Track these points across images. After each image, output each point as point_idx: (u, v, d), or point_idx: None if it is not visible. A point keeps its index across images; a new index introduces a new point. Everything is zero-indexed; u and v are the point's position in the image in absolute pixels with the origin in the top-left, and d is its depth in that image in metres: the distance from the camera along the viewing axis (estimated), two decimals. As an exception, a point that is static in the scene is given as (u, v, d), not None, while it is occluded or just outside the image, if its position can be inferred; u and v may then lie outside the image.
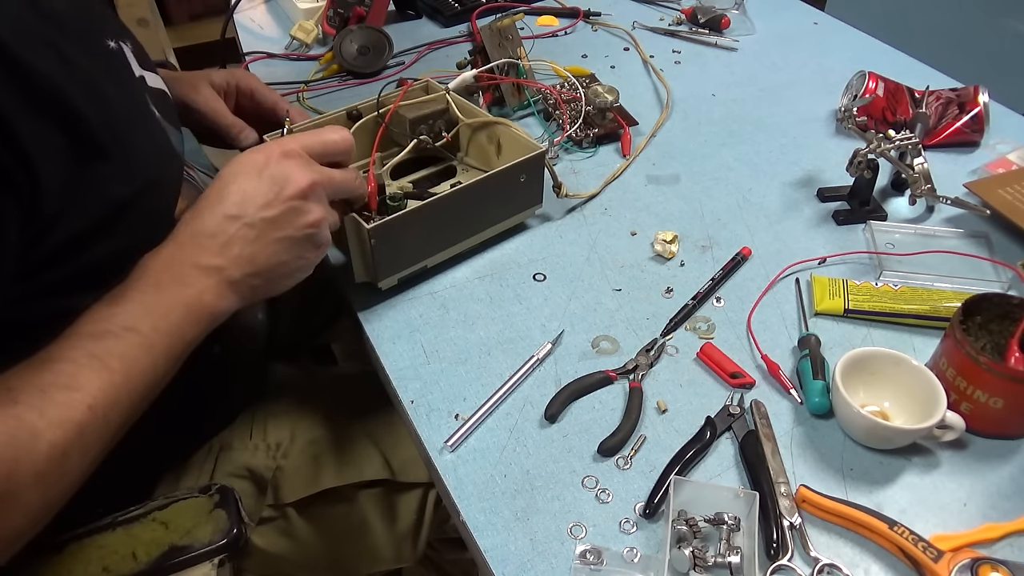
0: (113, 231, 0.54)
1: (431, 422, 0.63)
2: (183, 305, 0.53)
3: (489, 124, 0.82)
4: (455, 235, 0.76)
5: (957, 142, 0.96)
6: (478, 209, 0.75)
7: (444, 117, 0.83)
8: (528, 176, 0.76)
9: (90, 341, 0.49)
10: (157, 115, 0.62)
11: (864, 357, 0.63)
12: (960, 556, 0.51)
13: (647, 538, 0.55)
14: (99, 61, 0.55)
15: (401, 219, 0.68)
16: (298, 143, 0.58)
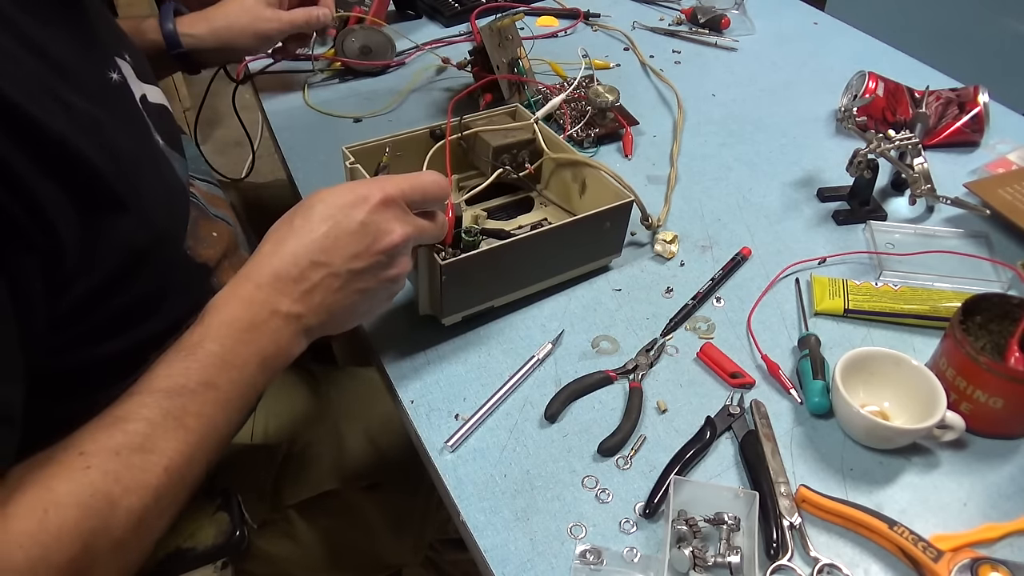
0: (134, 278, 0.52)
1: (431, 422, 0.63)
2: (260, 356, 0.51)
3: (577, 163, 0.78)
4: (528, 277, 0.72)
5: (957, 142, 0.96)
6: (555, 253, 0.71)
7: (529, 147, 0.80)
8: (612, 224, 0.72)
9: (165, 399, 0.46)
10: (161, 144, 0.60)
11: (864, 357, 0.63)
12: (960, 556, 0.51)
13: (647, 538, 0.55)
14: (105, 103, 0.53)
15: (476, 258, 0.65)
16: (399, 189, 0.55)
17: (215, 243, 0.66)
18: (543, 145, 0.80)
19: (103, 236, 0.49)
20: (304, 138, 0.96)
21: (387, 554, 0.83)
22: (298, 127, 0.98)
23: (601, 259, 0.77)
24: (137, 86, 0.61)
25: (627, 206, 0.72)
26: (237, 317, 0.50)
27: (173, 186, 0.60)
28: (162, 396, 0.47)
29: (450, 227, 0.66)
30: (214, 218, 0.69)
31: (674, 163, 0.92)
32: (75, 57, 0.52)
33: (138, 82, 0.62)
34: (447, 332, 0.70)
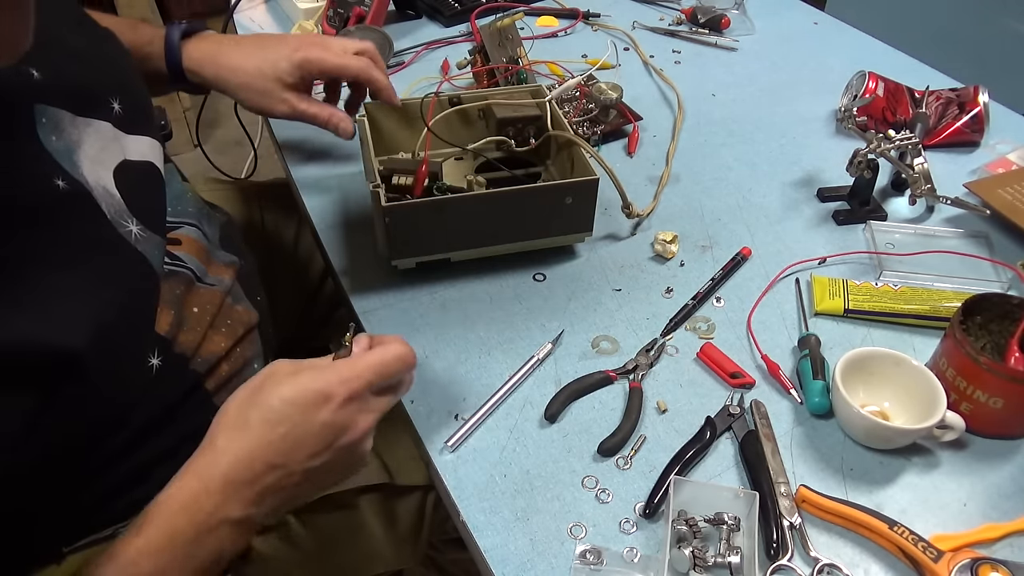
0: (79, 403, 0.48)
1: (431, 422, 0.63)
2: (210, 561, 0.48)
3: (568, 143, 0.80)
4: (485, 238, 0.75)
5: (957, 142, 0.96)
6: (514, 218, 0.74)
7: (536, 123, 0.82)
8: (576, 200, 0.74)
9: None
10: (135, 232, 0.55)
11: (864, 357, 0.63)
12: (960, 556, 0.51)
13: (647, 538, 0.55)
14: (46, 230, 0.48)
15: (420, 206, 0.69)
16: (364, 381, 0.50)
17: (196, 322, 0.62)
18: (548, 122, 0.81)
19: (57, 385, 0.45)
20: (304, 138, 0.95)
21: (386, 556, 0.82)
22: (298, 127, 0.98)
23: (568, 235, 0.78)
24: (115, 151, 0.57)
25: (591, 184, 0.74)
26: (180, 530, 0.47)
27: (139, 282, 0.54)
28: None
29: (422, 180, 0.70)
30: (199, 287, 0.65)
31: (669, 161, 0.93)
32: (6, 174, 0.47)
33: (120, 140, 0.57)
34: (448, 330, 0.70)
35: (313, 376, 0.50)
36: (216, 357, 0.64)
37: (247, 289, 0.74)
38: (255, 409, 0.49)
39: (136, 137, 0.60)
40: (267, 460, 0.48)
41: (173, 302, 0.60)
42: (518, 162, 0.84)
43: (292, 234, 1.04)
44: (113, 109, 0.58)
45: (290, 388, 0.49)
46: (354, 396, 0.50)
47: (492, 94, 0.83)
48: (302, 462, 0.49)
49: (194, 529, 0.47)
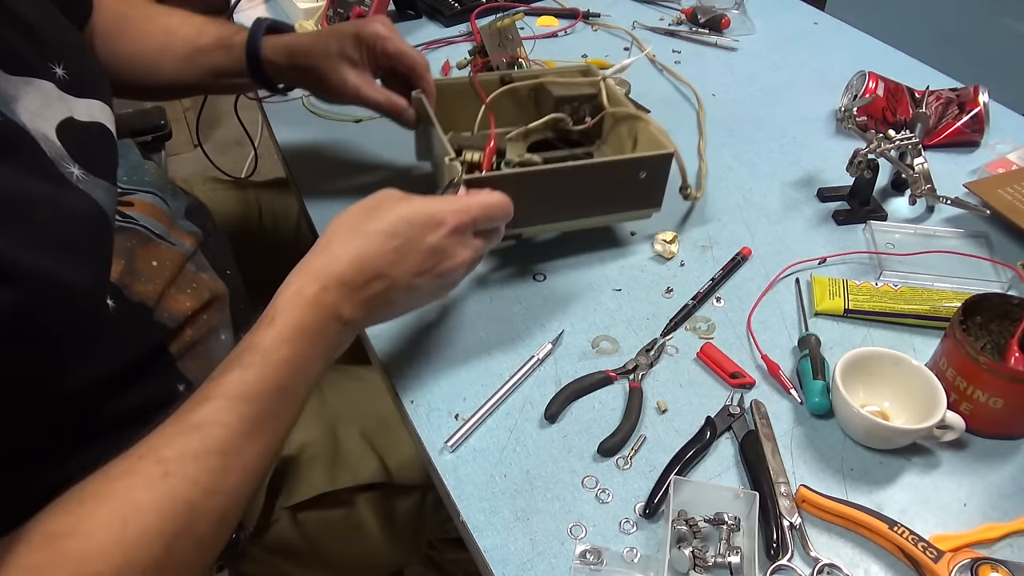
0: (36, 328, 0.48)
1: (431, 422, 0.63)
2: (324, 358, 0.53)
3: (631, 117, 0.79)
4: (557, 212, 0.74)
5: (957, 142, 0.96)
6: (587, 193, 0.73)
7: (592, 102, 0.81)
8: (650, 174, 0.73)
9: (242, 404, 0.48)
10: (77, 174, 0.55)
11: (864, 357, 0.63)
12: (960, 556, 0.51)
13: (647, 538, 0.55)
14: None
15: (498, 179, 0.67)
16: (471, 217, 0.57)
17: (155, 275, 0.64)
18: (604, 100, 0.81)
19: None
20: (304, 138, 0.96)
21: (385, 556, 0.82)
22: (298, 127, 0.98)
23: (638, 210, 0.78)
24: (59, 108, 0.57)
25: (666, 158, 0.73)
26: (307, 321, 0.52)
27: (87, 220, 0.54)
28: (239, 401, 0.48)
29: (489, 157, 0.70)
30: (157, 242, 0.66)
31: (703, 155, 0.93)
32: None
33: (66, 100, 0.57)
34: (448, 330, 0.70)
35: (428, 202, 0.56)
36: (182, 317, 0.65)
37: (214, 262, 0.75)
38: (373, 221, 0.55)
39: (86, 100, 0.60)
40: (377, 268, 0.54)
41: (124, 253, 0.62)
42: (567, 143, 0.83)
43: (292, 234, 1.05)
44: (56, 73, 0.58)
45: (407, 208, 0.55)
46: (461, 228, 0.56)
47: (543, 73, 0.83)
48: (405, 277, 0.55)
49: (318, 323, 0.52)
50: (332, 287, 0.53)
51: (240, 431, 0.47)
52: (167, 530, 0.43)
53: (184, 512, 0.44)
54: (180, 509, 0.43)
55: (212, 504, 0.45)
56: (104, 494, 0.43)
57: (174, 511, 0.43)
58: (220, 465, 0.46)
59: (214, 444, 0.46)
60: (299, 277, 0.54)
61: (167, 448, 0.45)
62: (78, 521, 0.42)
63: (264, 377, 0.49)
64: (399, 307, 0.58)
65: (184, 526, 0.44)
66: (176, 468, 0.44)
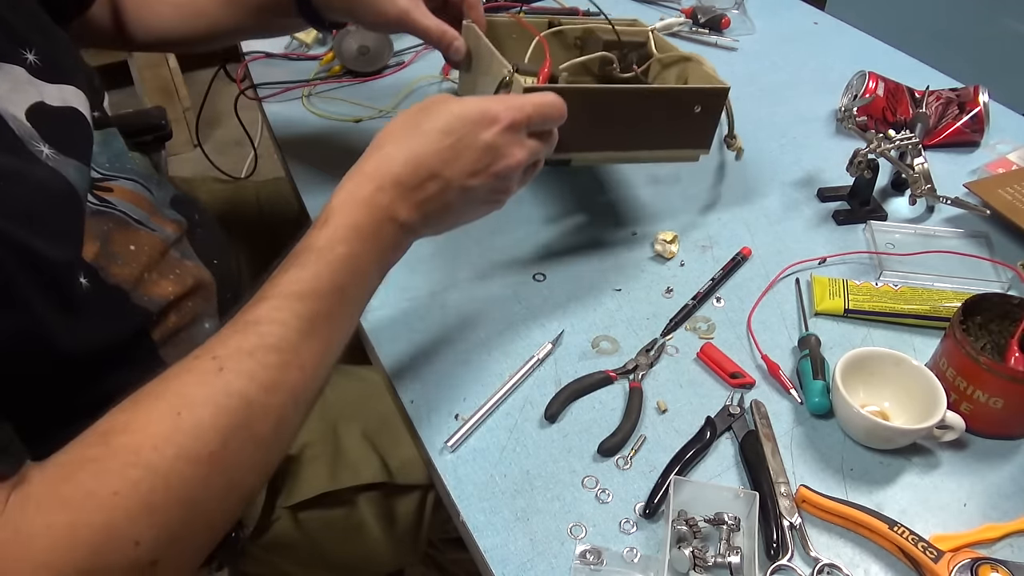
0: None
1: (431, 422, 0.63)
2: (380, 260, 0.53)
3: (680, 60, 0.79)
4: (608, 140, 0.72)
5: (957, 142, 0.96)
6: (639, 122, 0.71)
7: (640, 51, 0.81)
8: (704, 109, 0.72)
9: (298, 302, 0.47)
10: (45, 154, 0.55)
11: (864, 357, 0.63)
12: (960, 556, 0.51)
13: (647, 538, 0.55)
14: None
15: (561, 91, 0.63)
16: (525, 114, 0.56)
17: (132, 259, 0.63)
18: (653, 48, 0.80)
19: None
20: (304, 138, 0.96)
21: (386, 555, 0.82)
22: (298, 127, 0.98)
23: (688, 148, 0.76)
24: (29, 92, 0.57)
25: (722, 93, 0.72)
26: (362, 222, 0.51)
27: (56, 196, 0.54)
28: (294, 299, 0.47)
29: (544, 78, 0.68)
30: (136, 227, 0.66)
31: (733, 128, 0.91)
32: None
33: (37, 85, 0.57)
34: (448, 330, 0.70)
35: (482, 101, 0.55)
36: (164, 302, 0.64)
37: (201, 250, 0.74)
38: (427, 120, 0.54)
39: (58, 86, 0.60)
40: (431, 167, 0.53)
41: (100, 235, 0.61)
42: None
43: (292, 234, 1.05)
44: (27, 59, 0.58)
45: (460, 106, 0.54)
46: (516, 125, 0.55)
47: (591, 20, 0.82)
48: (460, 178, 0.54)
49: (374, 223, 0.51)
50: (388, 187, 0.52)
51: (297, 328, 0.47)
52: (222, 424, 0.42)
53: (241, 406, 0.43)
54: (236, 403, 0.43)
55: (270, 400, 0.45)
56: (158, 391, 0.43)
57: (229, 405, 0.43)
58: (277, 361, 0.45)
59: (271, 340, 0.45)
60: (353, 178, 0.53)
61: (222, 346, 0.45)
62: (132, 418, 0.42)
63: (319, 275, 0.49)
64: (456, 212, 0.57)
65: (241, 420, 0.43)
66: (231, 364, 0.44)
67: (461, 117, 0.54)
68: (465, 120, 0.54)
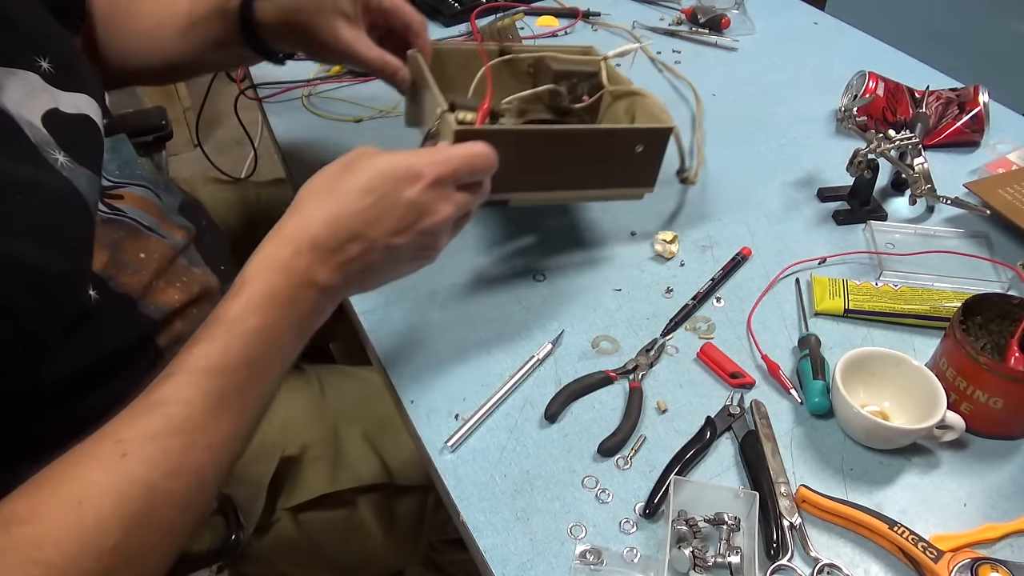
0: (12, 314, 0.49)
1: (431, 422, 0.63)
2: (298, 326, 0.50)
3: (630, 94, 0.77)
4: (547, 180, 0.70)
5: (957, 142, 0.96)
6: (578, 162, 0.69)
7: (590, 80, 0.79)
8: (647, 148, 0.70)
9: (205, 379, 0.46)
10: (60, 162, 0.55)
11: (864, 357, 0.63)
12: (960, 556, 0.51)
13: (647, 538, 0.55)
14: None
15: (493, 133, 0.63)
16: (451, 169, 0.53)
17: (142, 266, 0.63)
18: (604, 79, 0.79)
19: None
20: (304, 138, 0.95)
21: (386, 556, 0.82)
22: (298, 127, 0.98)
23: (631, 187, 0.74)
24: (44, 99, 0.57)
25: (664, 132, 0.70)
26: (278, 288, 0.49)
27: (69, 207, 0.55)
28: (202, 376, 0.45)
29: (483, 119, 0.66)
30: (146, 234, 0.66)
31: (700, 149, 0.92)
32: None
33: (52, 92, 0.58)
34: (448, 330, 0.70)
35: (405, 155, 0.53)
36: (170, 309, 0.64)
37: (208, 256, 0.74)
38: (348, 178, 0.52)
39: (71, 93, 0.60)
40: (352, 228, 0.51)
41: (110, 245, 0.61)
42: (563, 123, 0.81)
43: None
44: (41, 66, 0.58)
45: (384, 161, 0.52)
46: (441, 180, 0.53)
47: (544, 48, 0.81)
48: (384, 236, 0.52)
49: (290, 288, 0.49)
50: (306, 250, 0.50)
51: (203, 408, 0.45)
52: (124, 514, 0.41)
53: (143, 494, 0.42)
54: (139, 491, 0.42)
55: (174, 485, 0.43)
56: (61, 478, 0.42)
57: (132, 493, 0.41)
58: (182, 444, 0.43)
59: (175, 423, 0.44)
60: (271, 241, 0.51)
61: (126, 428, 0.43)
62: (35, 506, 0.40)
63: (228, 349, 0.46)
64: (380, 272, 0.55)
65: (144, 508, 0.42)
66: (134, 449, 0.42)
67: (384, 174, 0.52)
68: (388, 177, 0.52)
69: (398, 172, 0.52)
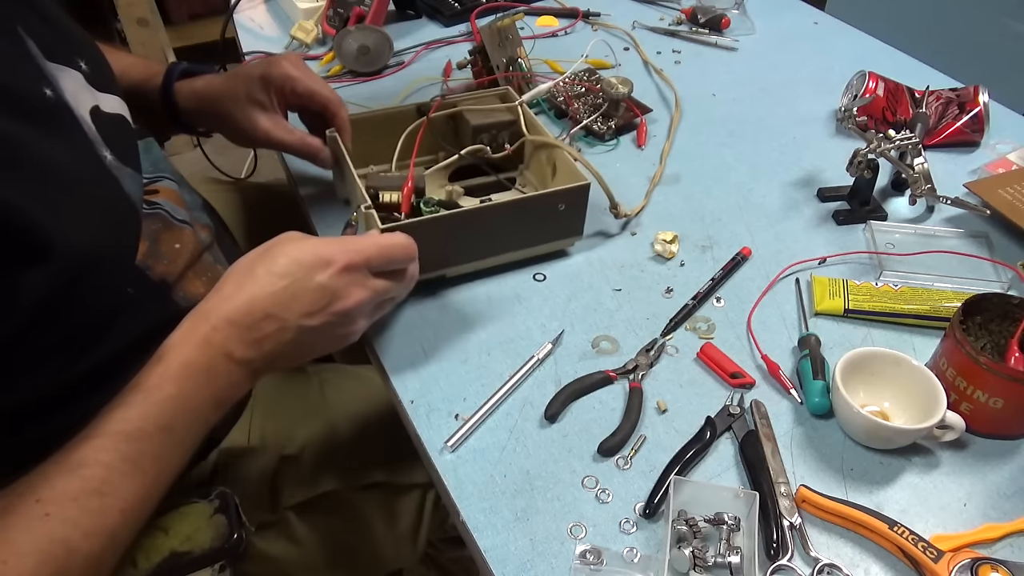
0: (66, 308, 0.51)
1: (431, 422, 0.63)
2: (214, 398, 0.53)
3: (548, 146, 0.79)
4: (480, 250, 0.73)
5: (957, 142, 0.96)
6: (508, 229, 0.72)
7: (510, 129, 0.81)
8: (568, 206, 0.73)
9: (123, 442, 0.47)
10: (109, 160, 0.58)
11: (864, 357, 0.63)
12: (960, 556, 0.51)
13: (647, 538, 0.55)
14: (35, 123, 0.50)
15: (417, 225, 0.67)
16: (363, 257, 0.56)
17: (176, 256, 0.65)
18: (523, 127, 0.81)
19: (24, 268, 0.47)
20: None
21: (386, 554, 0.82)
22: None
23: (560, 240, 0.77)
24: (89, 97, 0.59)
25: (583, 189, 0.73)
26: (194, 360, 0.51)
27: (119, 206, 0.57)
28: (120, 440, 0.47)
29: (408, 196, 0.69)
30: (179, 226, 0.68)
31: (664, 160, 0.93)
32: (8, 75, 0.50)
33: (92, 92, 0.59)
34: (448, 330, 0.70)
35: (319, 243, 0.55)
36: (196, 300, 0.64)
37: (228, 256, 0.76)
38: (263, 263, 0.54)
39: (107, 95, 0.62)
40: (266, 309, 0.53)
41: (148, 236, 0.63)
42: (490, 166, 0.83)
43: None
44: (81, 67, 0.60)
45: (296, 248, 0.55)
46: (352, 267, 0.55)
47: (460, 100, 0.82)
48: (297, 318, 0.54)
49: (206, 361, 0.52)
50: (221, 327, 0.52)
51: (121, 471, 0.47)
52: (44, 572, 0.42)
53: (63, 554, 0.43)
54: (59, 550, 0.43)
55: (91, 546, 0.45)
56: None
57: (53, 552, 0.43)
58: (99, 506, 0.45)
59: (94, 484, 0.45)
60: (191, 317, 0.54)
61: (47, 488, 0.45)
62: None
63: (146, 415, 0.49)
64: (297, 349, 0.56)
65: (62, 567, 0.43)
66: (55, 509, 0.44)
67: (297, 260, 0.54)
68: (300, 263, 0.54)
69: (310, 259, 0.54)
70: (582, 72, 1.04)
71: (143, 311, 0.61)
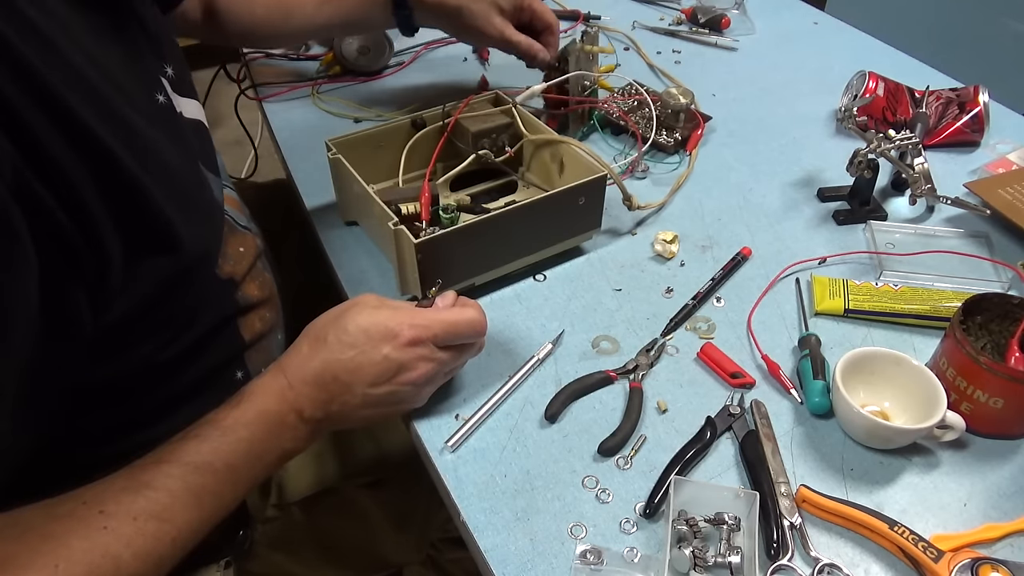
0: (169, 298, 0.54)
1: (431, 422, 0.63)
2: (280, 449, 0.54)
3: (553, 142, 0.80)
4: (507, 254, 0.73)
5: (957, 142, 0.96)
6: (533, 229, 0.73)
7: (508, 131, 0.82)
8: (588, 199, 0.74)
9: (191, 473, 0.49)
10: (201, 168, 0.60)
11: (864, 357, 0.63)
12: (960, 556, 0.51)
13: (647, 538, 0.55)
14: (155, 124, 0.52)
15: (450, 235, 0.66)
16: (431, 333, 0.57)
17: (241, 258, 0.67)
18: (522, 128, 0.81)
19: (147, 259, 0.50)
20: (304, 138, 0.96)
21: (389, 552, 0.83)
22: (298, 127, 0.98)
23: (580, 235, 0.78)
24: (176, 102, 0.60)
25: (601, 180, 0.73)
26: (270, 410, 0.54)
27: (212, 207, 0.61)
28: (189, 470, 0.49)
29: (427, 205, 0.70)
30: (242, 231, 0.69)
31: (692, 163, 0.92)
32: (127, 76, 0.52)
33: (177, 97, 0.61)
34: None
35: (389, 314, 0.57)
36: (254, 301, 0.68)
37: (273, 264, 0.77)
38: (334, 330, 0.56)
39: (186, 99, 0.64)
40: (335, 374, 0.55)
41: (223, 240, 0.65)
42: (487, 175, 0.84)
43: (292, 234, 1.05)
44: (168, 72, 0.61)
45: (366, 318, 0.56)
46: (417, 341, 0.56)
47: (453, 108, 0.83)
48: (363, 387, 0.55)
49: (279, 413, 0.54)
50: (296, 385, 0.55)
51: (184, 501, 0.48)
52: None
53: (110, 570, 0.44)
54: (108, 566, 0.44)
55: (135, 568, 0.45)
56: (46, 532, 0.44)
57: (102, 566, 0.44)
58: (154, 531, 0.46)
59: (156, 508, 0.47)
60: (271, 370, 0.56)
61: (112, 503, 0.46)
62: (17, 552, 0.42)
63: (217, 451, 0.50)
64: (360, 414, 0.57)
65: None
66: (115, 524, 0.45)
67: (364, 331, 0.56)
68: (366, 334, 0.56)
69: (379, 331, 0.56)
70: (626, 86, 1.02)
71: (215, 306, 0.62)
